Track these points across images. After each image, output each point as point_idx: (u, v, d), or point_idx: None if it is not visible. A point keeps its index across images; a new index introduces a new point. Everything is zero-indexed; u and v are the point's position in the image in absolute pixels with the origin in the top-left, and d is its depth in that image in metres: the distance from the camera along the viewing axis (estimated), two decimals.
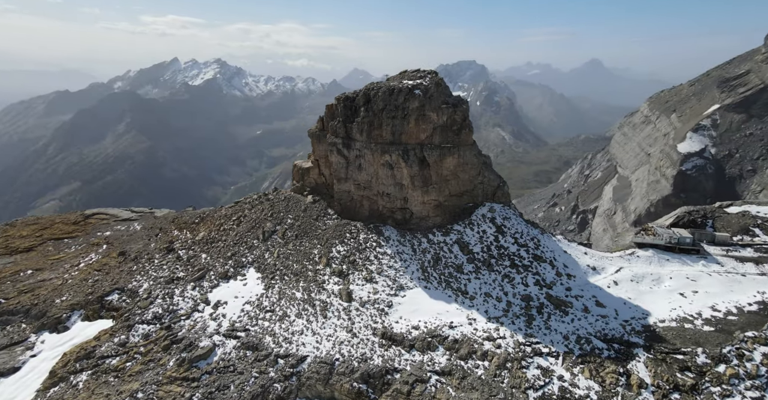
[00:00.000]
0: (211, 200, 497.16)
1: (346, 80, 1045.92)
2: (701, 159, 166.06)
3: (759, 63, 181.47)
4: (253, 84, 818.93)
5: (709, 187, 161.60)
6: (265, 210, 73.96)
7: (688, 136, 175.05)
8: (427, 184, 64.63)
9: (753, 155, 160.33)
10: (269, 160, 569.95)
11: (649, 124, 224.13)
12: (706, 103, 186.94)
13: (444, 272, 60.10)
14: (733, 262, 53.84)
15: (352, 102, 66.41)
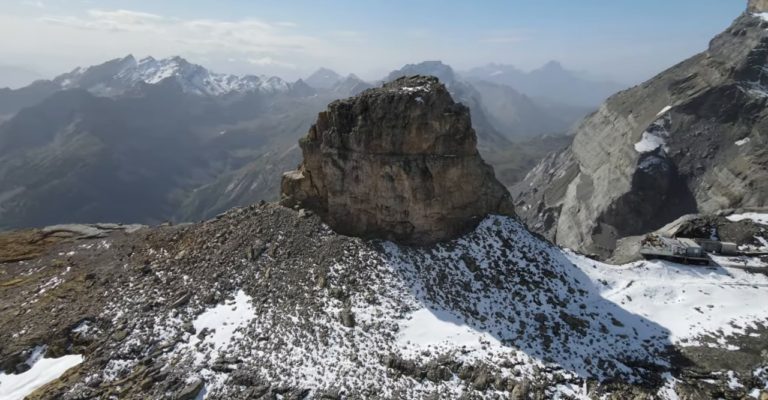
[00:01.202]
0: (173, 202, 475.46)
1: (312, 80, 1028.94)
2: (656, 158, 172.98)
3: (705, 67, 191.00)
4: (215, 83, 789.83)
5: (664, 184, 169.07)
6: (252, 226, 68.48)
7: (644, 136, 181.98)
8: (429, 196, 61.46)
9: (702, 154, 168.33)
10: (234, 161, 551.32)
11: (608, 124, 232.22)
12: (659, 105, 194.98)
13: (451, 290, 57.13)
14: (742, 273, 53.90)
15: (348, 110, 62.25)
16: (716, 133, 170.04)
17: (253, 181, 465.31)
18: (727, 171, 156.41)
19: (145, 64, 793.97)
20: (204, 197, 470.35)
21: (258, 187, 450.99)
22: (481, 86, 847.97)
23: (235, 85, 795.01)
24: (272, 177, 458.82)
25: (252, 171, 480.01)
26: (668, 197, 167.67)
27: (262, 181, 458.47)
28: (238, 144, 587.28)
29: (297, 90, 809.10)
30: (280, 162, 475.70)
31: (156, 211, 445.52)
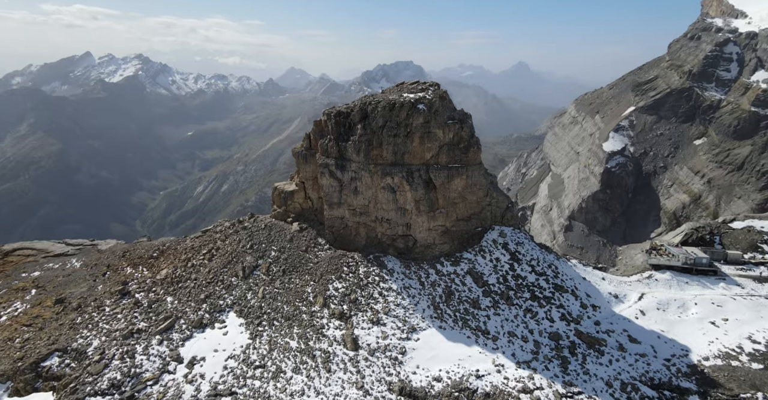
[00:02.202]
0: (138, 206, 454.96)
1: (283, 79, 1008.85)
2: (623, 157, 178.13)
3: (665, 69, 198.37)
4: (181, 82, 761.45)
5: (630, 182, 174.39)
6: (242, 241, 63.65)
7: (610, 136, 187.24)
8: (433, 208, 58.59)
9: (664, 153, 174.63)
10: (203, 163, 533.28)
11: (576, 124, 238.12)
12: (624, 106, 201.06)
13: (459, 308, 54.45)
14: (751, 283, 53.83)
15: (346, 118, 58.53)
16: (676, 133, 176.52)
17: (223, 182, 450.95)
18: (687, 169, 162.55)
19: (104, 61, 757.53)
20: (171, 200, 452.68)
21: (229, 189, 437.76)
22: (452, 86, 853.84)
23: (203, 85, 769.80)
24: (244, 178, 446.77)
25: (222, 172, 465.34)
26: (634, 195, 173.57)
27: (233, 182, 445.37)
28: (206, 145, 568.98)
29: (267, 90, 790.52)
30: (251, 163, 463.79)
31: (120, 215, 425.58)
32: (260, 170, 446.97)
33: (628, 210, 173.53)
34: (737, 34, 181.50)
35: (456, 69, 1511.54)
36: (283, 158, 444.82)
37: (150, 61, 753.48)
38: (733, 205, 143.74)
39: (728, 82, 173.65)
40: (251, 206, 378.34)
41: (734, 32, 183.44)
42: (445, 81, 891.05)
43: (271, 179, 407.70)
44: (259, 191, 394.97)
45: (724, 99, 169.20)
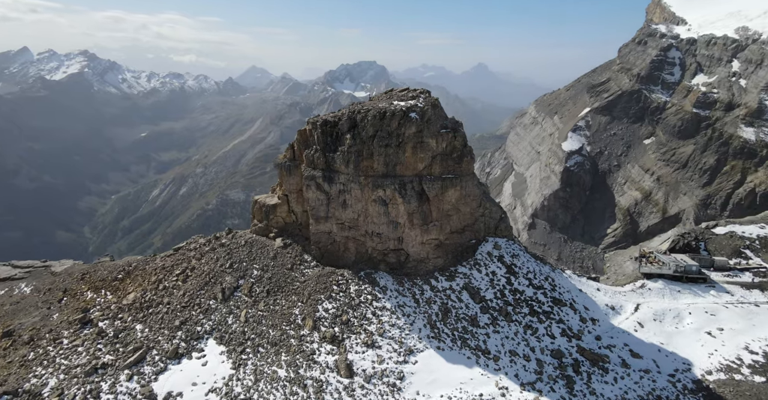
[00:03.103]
0: (86, 211, 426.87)
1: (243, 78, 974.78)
2: (580, 156, 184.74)
3: (616, 72, 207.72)
4: (132, 80, 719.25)
5: (587, 181, 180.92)
6: (220, 259, 58.52)
7: (569, 135, 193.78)
8: (426, 221, 56.05)
9: (617, 152, 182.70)
10: (158, 165, 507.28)
11: (536, 124, 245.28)
12: (580, 107, 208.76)
13: (456, 326, 52.18)
14: (740, 290, 54.82)
15: (334, 127, 54.93)
16: (628, 133, 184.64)
17: (181, 185, 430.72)
18: (638, 168, 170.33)
19: (45, 57, 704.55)
20: (124, 205, 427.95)
21: (188, 192, 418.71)
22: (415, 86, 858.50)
23: (157, 83, 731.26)
24: (204, 181, 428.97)
25: (180, 175, 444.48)
26: (591, 193, 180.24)
27: (193, 185, 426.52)
28: (162, 146, 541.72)
29: (227, 89, 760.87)
30: (211, 165, 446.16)
31: (66, 221, 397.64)
32: (221, 172, 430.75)
33: (586, 207, 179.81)
34: (679, 40, 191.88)
35: (419, 69, 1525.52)
36: (245, 160, 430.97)
37: (97, 58, 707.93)
38: (680, 201, 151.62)
39: (672, 85, 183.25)
40: (212, 209, 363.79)
41: (676, 38, 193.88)
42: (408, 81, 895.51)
43: (233, 181, 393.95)
44: (220, 194, 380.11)
45: (669, 101, 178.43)
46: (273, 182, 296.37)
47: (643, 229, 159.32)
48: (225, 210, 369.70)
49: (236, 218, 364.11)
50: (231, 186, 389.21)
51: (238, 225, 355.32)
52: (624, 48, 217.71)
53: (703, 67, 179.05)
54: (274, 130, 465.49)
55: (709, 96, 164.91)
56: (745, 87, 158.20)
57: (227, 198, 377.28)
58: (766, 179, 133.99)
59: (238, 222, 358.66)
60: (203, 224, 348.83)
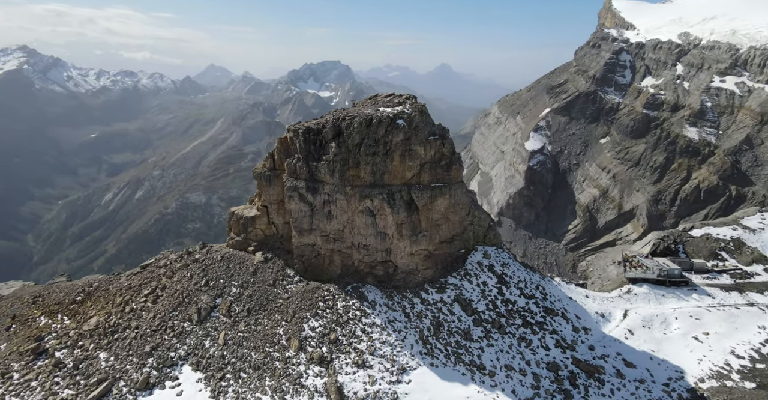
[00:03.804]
0: (29, 218, 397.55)
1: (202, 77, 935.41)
2: (542, 155, 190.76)
3: (573, 74, 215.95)
4: (79, 78, 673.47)
5: (549, 179, 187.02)
6: (194, 277, 54.05)
7: (531, 135, 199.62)
8: (415, 231, 54.04)
9: (576, 151, 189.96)
10: (111, 167, 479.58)
11: (500, 124, 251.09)
12: (541, 107, 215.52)
13: (450, 340, 50.46)
14: (720, 292, 56.22)
15: (317, 135, 51.86)
16: (585, 132, 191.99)
17: (137, 189, 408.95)
18: (595, 166, 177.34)
19: None
20: (73, 210, 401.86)
21: (144, 195, 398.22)
22: (381, 86, 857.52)
23: (107, 81, 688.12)
24: (161, 184, 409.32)
25: (135, 178, 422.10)
26: (553, 191, 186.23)
27: (149, 188, 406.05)
28: (115, 148, 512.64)
29: (185, 88, 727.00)
30: (170, 167, 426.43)
31: (5, 229, 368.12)
32: (180, 175, 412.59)
33: (549, 205, 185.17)
34: (629, 44, 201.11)
35: (383, 69, 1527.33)
36: (206, 161, 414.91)
37: (38, 54, 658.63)
38: (633, 197, 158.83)
39: (624, 87, 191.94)
40: (172, 213, 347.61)
41: (626, 42, 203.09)
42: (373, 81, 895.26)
43: (194, 184, 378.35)
44: (180, 197, 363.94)
45: (622, 102, 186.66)
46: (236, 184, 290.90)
47: (602, 224, 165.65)
48: (185, 214, 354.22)
49: (198, 221, 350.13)
50: (191, 189, 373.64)
51: (199, 229, 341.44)
52: (580, 51, 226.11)
53: (651, 70, 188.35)
54: (237, 131, 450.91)
55: (657, 97, 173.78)
56: (688, 89, 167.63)
57: (188, 201, 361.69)
58: (708, 176, 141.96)
59: (199, 226, 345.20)
60: (162, 229, 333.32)
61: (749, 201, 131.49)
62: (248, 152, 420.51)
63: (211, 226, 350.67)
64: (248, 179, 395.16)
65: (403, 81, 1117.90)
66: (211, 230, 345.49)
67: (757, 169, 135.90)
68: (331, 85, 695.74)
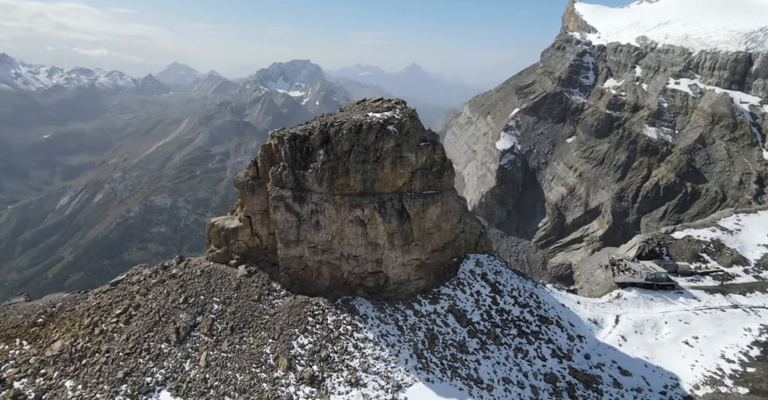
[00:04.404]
0: None
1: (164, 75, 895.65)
2: (512, 155, 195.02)
3: (540, 75, 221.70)
4: (29, 76, 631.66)
5: (520, 178, 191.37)
6: (171, 293, 50.16)
7: (501, 135, 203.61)
8: (407, 241, 52.22)
9: (544, 150, 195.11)
10: (66, 170, 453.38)
11: (471, 124, 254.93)
12: (510, 107, 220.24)
13: (445, 354, 48.90)
14: (705, 295, 57.25)
15: (304, 142, 49.19)
16: (553, 132, 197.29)
17: (96, 192, 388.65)
18: (563, 165, 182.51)
19: None
20: (25, 215, 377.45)
21: (104, 199, 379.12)
22: (351, 86, 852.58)
23: (61, 79, 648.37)
24: (123, 186, 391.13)
25: (94, 181, 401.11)
26: (524, 189, 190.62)
27: (110, 192, 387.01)
28: (70, 150, 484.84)
29: (147, 87, 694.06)
30: (132, 169, 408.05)
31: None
32: (144, 177, 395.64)
33: (519, 203, 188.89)
34: (591, 47, 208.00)
35: (353, 69, 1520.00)
36: (171, 163, 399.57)
37: None
38: (599, 195, 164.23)
39: (588, 88, 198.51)
40: (135, 217, 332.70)
41: (589, 45, 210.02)
42: (343, 81, 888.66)
43: (158, 186, 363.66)
44: (144, 200, 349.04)
45: (587, 102, 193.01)
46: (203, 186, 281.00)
47: (570, 222, 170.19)
48: (150, 217, 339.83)
49: (163, 225, 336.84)
50: (156, 191, 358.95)
51: (165, 233, 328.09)
52: (546, 52, 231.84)
53: (613, 71, 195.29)
54: (204, 131, 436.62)
55: (619, 98, 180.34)
56: (646, 91, 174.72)
57: (152, 205, 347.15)
58: (667, 174, 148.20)
59: (165, 230, 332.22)
60: (124, 234, 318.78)
61: (703, 197, 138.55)
62: (216, 153, 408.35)
63: (178, 230, 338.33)
64: (216, 181, 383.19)
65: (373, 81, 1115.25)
66: (178, 234, 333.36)
67: (710, 166, 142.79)
68: (301, 85, 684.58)
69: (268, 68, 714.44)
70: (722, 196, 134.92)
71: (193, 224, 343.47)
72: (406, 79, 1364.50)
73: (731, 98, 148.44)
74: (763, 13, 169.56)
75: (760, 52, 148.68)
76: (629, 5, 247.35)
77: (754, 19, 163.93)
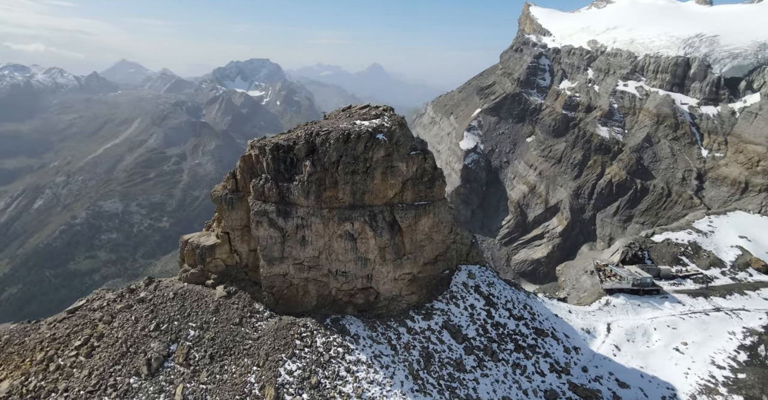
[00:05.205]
0: None
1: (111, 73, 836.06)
2: (476, 154, 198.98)
3: (499, 76, 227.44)
4: None
5: (483, 177, 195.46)
6: (140, 320, 44.92)
7: (464, 135, 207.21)
8: (399, 255, 49.66)
9: (506, 150, 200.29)
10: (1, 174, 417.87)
11: (435, 124, 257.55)
12: (472, 108, 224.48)
13: (442, 373, 46.74)
14: (688, 298, 58.40)
15: (288, 152, 45.53)
16: (513, 132, 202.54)
17: (36, 198, 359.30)
18: (524, 164, 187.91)
19: None
20: None
21: (45, 205, 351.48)
22: (312, 86, 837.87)
23: None
24: (67, 191, 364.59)
25: (33, 185, 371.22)
26: (487, 188, 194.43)
27: (52, 197, 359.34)
28: (5, 152, 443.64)
29: (92, 85, 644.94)
30: (77, 172, 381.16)
31: None
32: (91, 181, 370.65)
33: (483, 202, 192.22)
34: (547, 49, 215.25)
35: (314, 68, 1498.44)
36: (122, 166, 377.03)
37: None
38: (558, 192, 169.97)
39: (545, 89, 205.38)
40: (81, 223, 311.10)
41: (545, 47, 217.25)
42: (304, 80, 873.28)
43: (108, 190, 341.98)
44: (92, 205, 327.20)
45: (544, 103, 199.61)
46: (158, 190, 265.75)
47: (531, 219, 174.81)
48: (98, 224, 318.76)
49: (114, 231, 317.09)
50: (105, 196, 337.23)
51: (116, 240, 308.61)
52: (504, 54, 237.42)
53: (567, 73, 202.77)
54: (157, 132, 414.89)
55: (574, 99, 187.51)
56: (598, 92, 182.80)
57: (101, 210, 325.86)
58: (618, 171, 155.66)
59: (116, 236, 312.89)
60: (70, 242, 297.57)
61: (651, 193, 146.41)
62: (172, 155, 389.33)
63: (130, 236, 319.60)
64: (172, 184, 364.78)
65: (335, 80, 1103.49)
66: (130, 241, 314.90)
67: (657, 164, 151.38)
68: (261, 84, 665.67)
69: (225, 67, 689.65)
70: (668, 191, 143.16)
71: (147, 230, 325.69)
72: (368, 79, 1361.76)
73: (673, 100, 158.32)
74: (699, 20, 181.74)
75: (696, 56, 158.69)
76: (580, 10, 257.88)
77: (692, 25, 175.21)
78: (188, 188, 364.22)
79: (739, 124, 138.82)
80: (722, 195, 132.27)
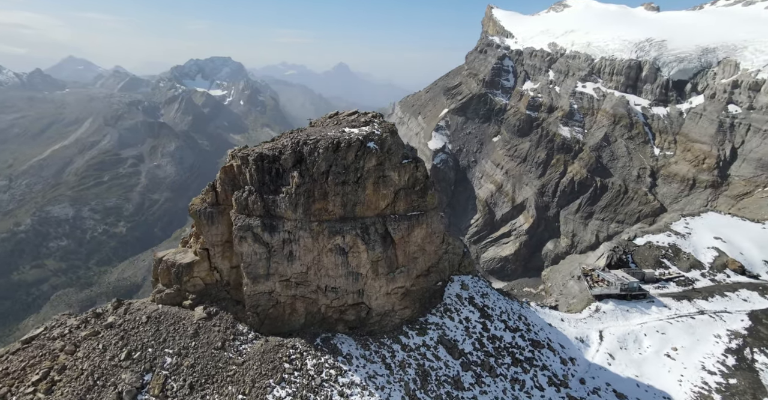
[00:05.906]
0: None
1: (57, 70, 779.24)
2: (444, 154, 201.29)
3: (465, 77, 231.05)
4: None
5: (452, 176, 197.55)
6: (109, 348, 40.12)
7: (433, 135, 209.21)
8: (392, 268, 47.25)
9: (473, 149, 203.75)
10: None
11: (403, 124, 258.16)
12: (439, 108, 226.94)
13: (439, 392, 44.69)
14: (673, 302, 59.26)
15: (273, 163, 42.13)
16: (480, 131, 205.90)
17: None
18: (490, 163, 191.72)
19: None
20: None
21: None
22: (277, 85, 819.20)
23: None
24: (9, 197, 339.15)
25: None
26: (456, 187, 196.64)
27: None
28: None
29: (35, 82, 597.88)
30: (20, 176, 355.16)
31: None
32: (36, 185, 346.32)
33: (452, 201, 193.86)
34: (510, 51, 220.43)
35: (279, 67, 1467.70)
36: (72, 168, 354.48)
37: None
38: (523, 191, 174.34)
39: (509, 90, 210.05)
40: (26, 230, 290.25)
41: (508, 49, 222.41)
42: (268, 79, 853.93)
43: (57, 194, 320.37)
44: (38, 211, 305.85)
45: (509, 103, 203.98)
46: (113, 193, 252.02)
47: (499, 217, 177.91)
48: (46, 230, 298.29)
49: (64, 238, 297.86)
50: (53, 200, 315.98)
51: (67, 247, 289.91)
52: (470, 55, 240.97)
53: (530, 75, 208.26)
54: (111, 133, 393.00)
55: (536, 100, 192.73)
56: (559, 93, 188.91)
57: (48, 216, 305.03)
58: (580, 170, 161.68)
59: (66, 243, 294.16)
60: (13, 250, 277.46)
61: (609, 190, 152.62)
62: (127, 157, 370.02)
63: (83, 242, 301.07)
64: (129, 187, 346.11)
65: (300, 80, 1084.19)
66: (83, 247, 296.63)
67: (614, 162, 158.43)
68: (223, 83, 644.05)
69: (184, 65, 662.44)
70: (625, 189, 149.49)
71: (101, 236, 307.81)
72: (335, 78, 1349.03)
73: (627, 101, 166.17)
74: (648, 25, 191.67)
75: (647, 60, 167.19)
76: (539, 13, 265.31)
77: (642, 30, 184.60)
78: (147, 191, 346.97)
79: (686, 124, 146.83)
80: (673, 191, 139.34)
